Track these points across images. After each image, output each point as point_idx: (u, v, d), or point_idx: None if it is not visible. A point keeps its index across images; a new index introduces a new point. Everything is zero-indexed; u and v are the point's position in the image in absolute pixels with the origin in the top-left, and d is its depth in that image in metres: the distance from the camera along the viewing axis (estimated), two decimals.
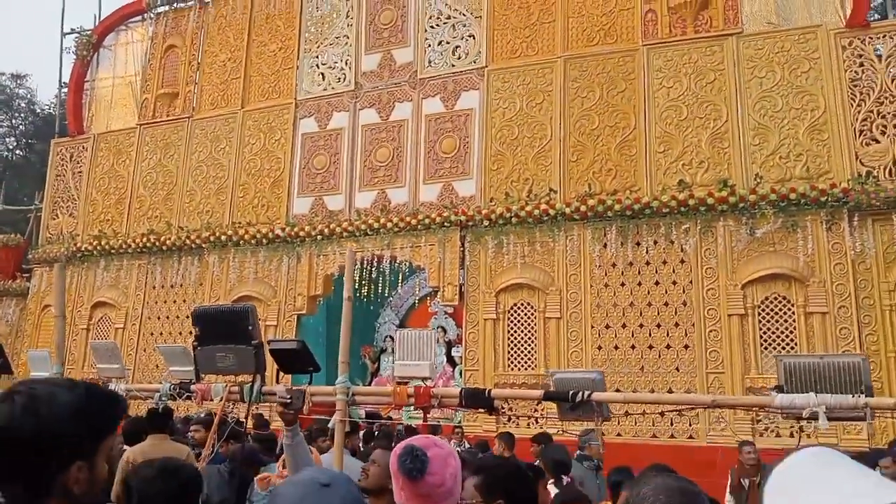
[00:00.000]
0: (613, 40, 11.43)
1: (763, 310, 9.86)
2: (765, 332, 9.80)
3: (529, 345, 10.96)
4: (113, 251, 14.40)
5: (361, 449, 6.83)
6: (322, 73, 13.65)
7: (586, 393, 4.09)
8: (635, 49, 11.21)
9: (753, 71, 10.54)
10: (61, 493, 1.27)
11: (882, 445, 7.83)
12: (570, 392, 4.12)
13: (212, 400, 4.88)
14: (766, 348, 9.76)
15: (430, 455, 2.22)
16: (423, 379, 4.68)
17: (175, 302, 13.73)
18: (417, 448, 2.22)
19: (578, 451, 6.55)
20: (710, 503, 1.84)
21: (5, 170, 28.44)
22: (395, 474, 2.23)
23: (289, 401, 3.63)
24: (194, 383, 4.97)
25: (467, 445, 9.03)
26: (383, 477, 2.95)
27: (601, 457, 6.61)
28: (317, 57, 13.77)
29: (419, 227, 11.84)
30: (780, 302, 9.82)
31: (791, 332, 9.68)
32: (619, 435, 8.89)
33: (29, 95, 31.73)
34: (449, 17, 12.77)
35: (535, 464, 5.46)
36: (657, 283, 10.38)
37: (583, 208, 10.69)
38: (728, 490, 6.83)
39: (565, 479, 5.38)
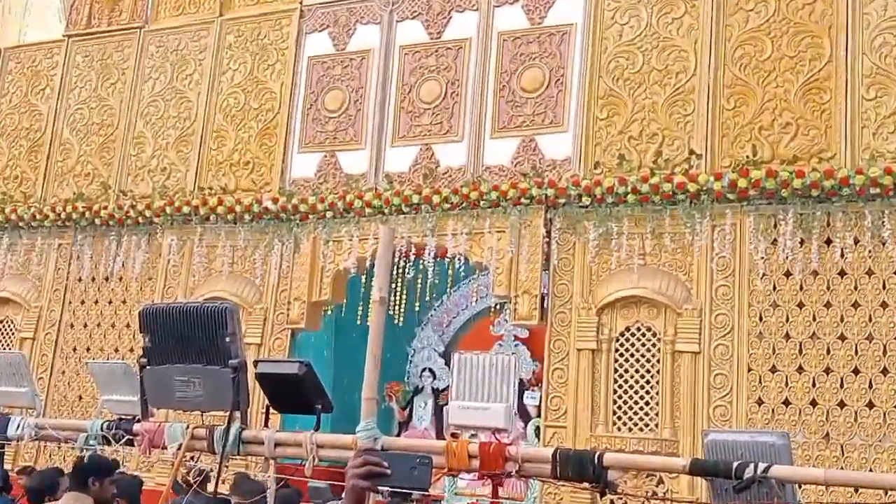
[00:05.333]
0: None
1: None
2: None
3: (648, 392, 10.60)
4: (22, 223, 14.44)
5: None
6: None
7: (761, 466, 3.66)
8: None
9: None
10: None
11: None
12: (736, 464, 3.71)
13: (165, 448, 4.82)
14: None
15: None
16: (495, 431, 4.40)
17: (111, 303, 13.73)
18: None
19: None
20: None
21: None
22: None
23: (388, 472, 3.18)
24: (139, 421, 4.94)
25: None
26: None
27: None
28: None
29: (482, 203, 11.53)
30: None
31: None
32: None
33: None
34: None
35: None
36: (856, 304, 9.88)
37: (742, 184, 10.24)
38: None
39: None
